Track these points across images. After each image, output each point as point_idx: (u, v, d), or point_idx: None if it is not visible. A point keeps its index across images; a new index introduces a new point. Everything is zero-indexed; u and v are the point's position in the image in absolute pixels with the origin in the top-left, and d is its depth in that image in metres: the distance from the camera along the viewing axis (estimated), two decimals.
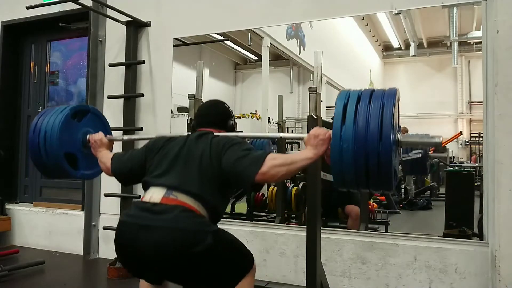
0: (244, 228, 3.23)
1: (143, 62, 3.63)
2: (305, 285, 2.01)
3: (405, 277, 2.77)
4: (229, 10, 3.41)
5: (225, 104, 1.97)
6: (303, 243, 2.11)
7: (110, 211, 3.73)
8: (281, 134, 1.96)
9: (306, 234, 2.03)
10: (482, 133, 2.76)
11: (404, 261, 2.78)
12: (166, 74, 3.61)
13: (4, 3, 4.50)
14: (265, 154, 1.55)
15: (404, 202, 5.97)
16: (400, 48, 7.38)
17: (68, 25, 4.13)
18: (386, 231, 4.10)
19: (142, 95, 3.58)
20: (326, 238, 2.93)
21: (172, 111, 3.81)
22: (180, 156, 1.69)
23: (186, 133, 1.82)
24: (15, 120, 4.67)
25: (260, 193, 4.60)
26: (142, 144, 1.94)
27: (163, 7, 3.68)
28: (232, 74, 7.37)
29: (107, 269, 3.28)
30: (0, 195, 4.29)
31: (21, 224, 4.26)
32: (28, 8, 3.21)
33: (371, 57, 7.75)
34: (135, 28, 3.69)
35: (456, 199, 3.86)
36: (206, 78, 5.66)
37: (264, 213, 4.48)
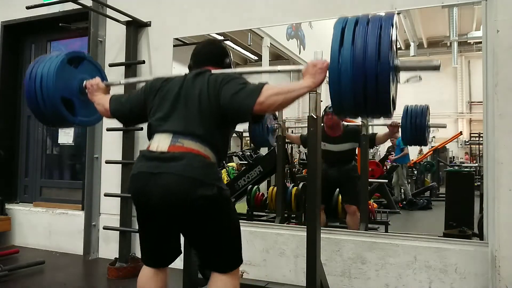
0: (244, 228, 3.19)
1: (143, 62, 3.63)
2: (305, 285, 2.01)
3: (405, 277, 2.77)
4: (229, 10, 3.41)
5: (222, 43, 1.98)
6: (303, 243, 2.11)
7: (110, 211, 3.73)
8: (279, 67, 1.96)
9: (306, 234, 2.02)
10: (482, 133, 2.76)
11: (404, 261, 2.78)
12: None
13: (4, 3, 4.50)
14: (262, 85, 1.57)
15: (404, 202, 5.98)
16: (400, 48, 7.38)
17: (68, 25, 4.13)
18: (386, 231, 4.10)
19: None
20: (326, 238, 2.93)
21: None
22: (180, 97, 1.71)
23: (184, 73, 1.82)
24: (15, 120, 4.67)
25: (260, 193, 4.61)
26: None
27: (163, 7, 3.68)
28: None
29: (107, 269, 3.29)
30: (0, 195, 4.29)
31: (21, 224, 4.26)
32: (28, 8, 3.21)
33: None
34: (135, 28, 3.69)
35: (456, 199, 3.86)
36: None
37: (264, 213, 4.49)
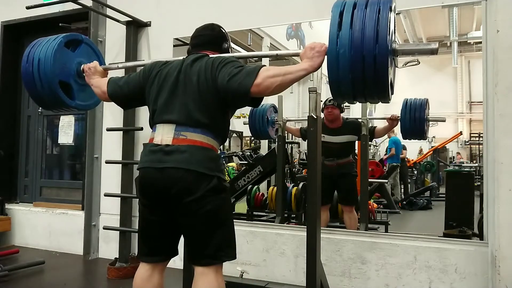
0: (244, 228, 3.23)
1: None
2: (305, 285, 2.01)
3: (405, 277, 2.77)
4: (229, 10, 3.41)
5: (221, 27, 1.97)
6: (303, 243, 2.11)
7: (110, 211, 3.73)
8: (278, 52, 1.97)
9: (306, 234, 2.02)
10: (482, 133, 2.76)
11: (404, 261, 2.78)
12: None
13: (4, 3, 4.50)
14: (259, 67, 1.58)
15: (404, 202, 5.98)
16: None
17: (68, 25, 4.13)
18: (386, 231, 4.10)
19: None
20: (326, 238, 2.93)
21: None
22: (179, 83, 1.73)
23: (182, 57, 1.83)
24: (15, 120, 4.67)
25: (260, 193, 4.60)
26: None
27: (163, 7, 3.68)
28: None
29: (107, 269, 3.28)
30: (0, 195, 4.29)
31: (21, 224, 4.26)
32: (28, 8, 3.21)
33: None
34: (135, 28, 3.69)
35: (456, 199, 3.86)
36: None
37: (264, 213, 4.48)
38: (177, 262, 2.06)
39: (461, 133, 7.92)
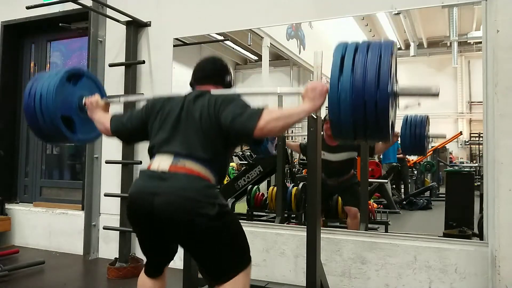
0: (244, 228, 3.17)
1: (143, 62, 3.63)
2: (305, 285, 2.01)
3: (405, 277, 2.77)
4: (229, 10, 3.41)
5: (223, 61, 1.97)
6: (303, 243, 2.11)
7: (110, 211, 3.73)
8: (279, 89, 1.96)
9: (306, 234, 2.02)
10: (482, 133, 2.76)
11: (404, 261, 2.78)
12: (166, 74, 3.61)
13: (4, 3, 4.50)
14: (262, 109, 1.57)
15: (404, 202, 5.97)
16: (400, 48, 7.38)
17: (68, 25, 4.13)
18: (386, 231, 4.10)
19: (142, 95, 3.57)
20: (326, 238, 2.93)
21: None
22: (181, 119, 1.71)
23: (184, 93, 1.82)
24: (15, 120, 4.67)
25: (260, 193, 4.61)
26: (140, 106, 1.93)
27: (163, 7, 3.68)
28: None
29: (107, 269, 3.29)
30: (0, 195, 4.29)
31: (21, 224, 4.26)
32: (28, 8, 3.21)
33: None
34: (135, 28, 3.69)
35: (456, 199, 3.85)
36: None
37: (264, 213, 4.49)
38: (177, 262, 2.06)
39: (461, 133, 7.92)
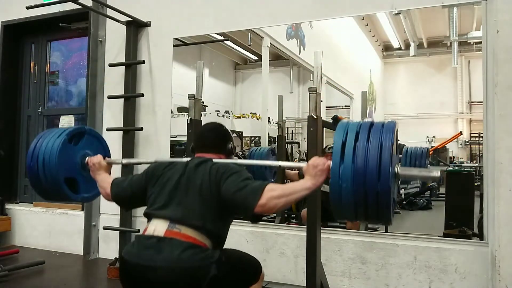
0: (244, 228, 3.22)
1: (143, 62, 3.63)
2: (305, 285, 2.01)
3: (405, 277, 2.77)
4: (229, 10, 3.41)
5: (224, 127, 1.99)
6: (303, 243, 2.11)
7: (110, 211, 3.72)
8: (280, 163, 1.95)
9: (306, 234, 2.03)
10: (482, 133, 2.76)
11: (404, 261, 2.78)
12: (166, 74, 3.61)
13: (4, 3, 4.50)
14: (264, 185, 1.56)
15: (404, 202, 5.97)
16: (400, 48, 7.38)
17: (68, 25, 4.14)
18: (386, 231, 4.09)
19: (142, 95, 3.58)
20: (326, 238, 2.93)
21: (172, 111, 3.81)
22: (180, 186, 1.71)
23: (186, 160, 1.83)
24: (15, 120, 4.67)
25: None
26: (141, 167, 1.92)
27: (163, 7, 3.68)
28: (232, 74, 7.37)
29: (107, 269, 3.29)
30: (0, 195, 4.29)
31: (21, 224, 4.26)
32: (28, 8, 3.21)
33: (371, 57, 7.74)
34: (135, 28, 3.69)
35: (456, 199, 3.85)
36: (206, 78, 5.66)
37: None
38: None
39: (461, 133, 7.92)
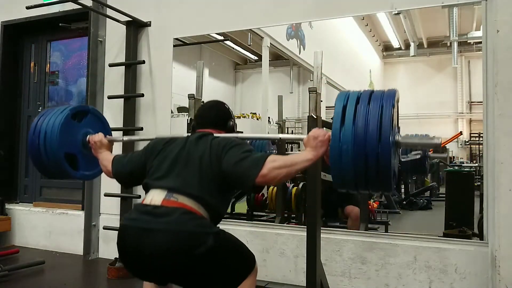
0: (244, 228, 3.23)
1: (143, 62, 3.63)
2: (305, 285, 2.01)
3: (405, 277, 2.77)
4: (229, 10, 3.41)
5: (225, 105, 1.97)
6: (303, 243, 2.11)
7: (110, 211, 3.73)
8: (281, 135, 1.94)
9: (306, 234, 2.03)
10: (482, 133, 2.76)
11: (404, 261, 2.78)
12: (166, 74, 3.61)
13: (4, 3, 4.50)
14: (265, 156, 1.55)
15: (404, 202, 5.97)
16: (400, 48, 7.39)
17: (68, 25, 4.13)
18: (386, 231, 4.10)
19: (142, 95, 3.58)
20: (326, 238, 2.93)
21: (172, 111, 3.81)
22: (180, 158, 1.70)
23: (186, 135, 1.82)
24: (15, 120, 4.67)
25: (260, 193, 4.60)
26: (142, 145, 1.93)
27: (163, 7, 3.68)
28: (232, 74, 7.37)
29: (107, 269, 3.28)
30: (0, 195, 4.29)
31: (21, 224, 4.26)
32: (28, 8, 3.21)
33: (371, 57, 7.75)
34: (135, 28, 3.69)
35: (456, 199, 3.86)
36: (206, 78, 5.66)
37: (264, 213, 4.48)
38: None
39: (461, 133, 7.93)
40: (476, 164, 6.81)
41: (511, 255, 2.39)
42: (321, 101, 2.18)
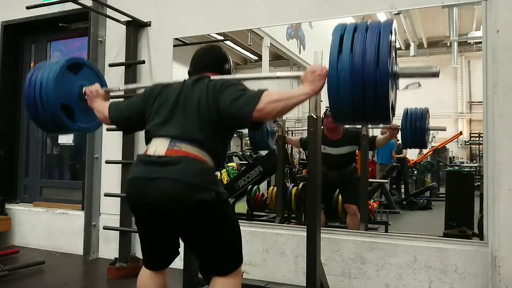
0: (244, 228, 3.19)
1: (143, 62, 3.63)
2: (305, 285, 2.01)
3: (405, 277, 2.77)
4: (229, 10, 3.41)
5: (221, 49, 1.97)
6: (303, 243, 2.11)
7: (110, 211, 3.73)
8: (278, 74, 1.94)
9: (306, 234, 2.02)
10: (482, 133, 2.76)
11: (404, 261, 2.78)
12: (166, 74, 3.61)
13: (4, 3, 4.50)
14: (261, 91, 1.56)
15: (404, 202, 5.97)
16: (400, 48, 7.38)
17: (68, 25, 4.13)
18: (386, 231, 4.10)
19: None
20: (326, 238, 2.93)
21: None
22: (179, 103, 1.71)
23: (183, 79, 1.82)
24: (15, 120, 4.67)
25: (260, 193, 4.60)
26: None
27: (163, 7, 3.68)
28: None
29: (107, 269, 3.29)
30: (0, 195, 4.29)
31: (21, 224, 4.26)
32: (28, 8, 3.21)
33: None
34: (135, 28, 3.69)
35: (456, 199, 3.86)
36: None
37: (264, 213, 4.49)
38: (177, 262, 2.06)
39: (461, 133, 7.92)
40: (476, 164, 6.81)
41: (511, 255, 2.39)
42: (321, 101, 2.18)
